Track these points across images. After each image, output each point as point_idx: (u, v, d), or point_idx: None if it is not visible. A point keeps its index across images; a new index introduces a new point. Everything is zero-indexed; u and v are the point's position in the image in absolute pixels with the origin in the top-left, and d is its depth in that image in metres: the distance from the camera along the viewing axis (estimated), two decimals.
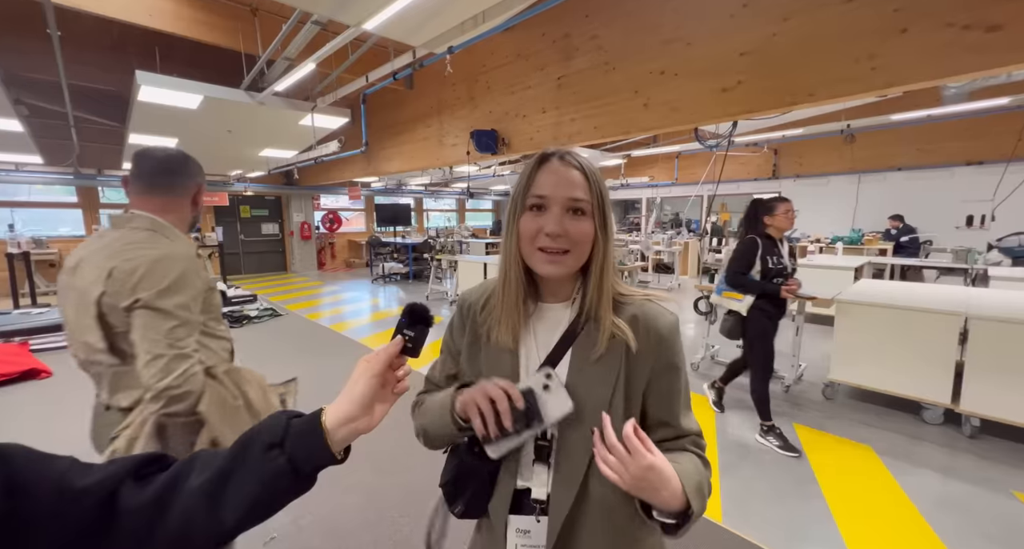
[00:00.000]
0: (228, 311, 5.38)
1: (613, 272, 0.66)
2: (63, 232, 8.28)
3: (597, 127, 3.76)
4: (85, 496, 0.43)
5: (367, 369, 0.53)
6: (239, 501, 0.46)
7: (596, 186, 0.63)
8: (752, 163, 9.21)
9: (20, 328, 4.23)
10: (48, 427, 2.81)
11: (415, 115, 5.82)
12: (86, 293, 0.96)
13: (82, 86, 5.45)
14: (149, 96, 4.16)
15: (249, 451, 0.48)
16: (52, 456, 0.45)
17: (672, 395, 0.66)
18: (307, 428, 0.50)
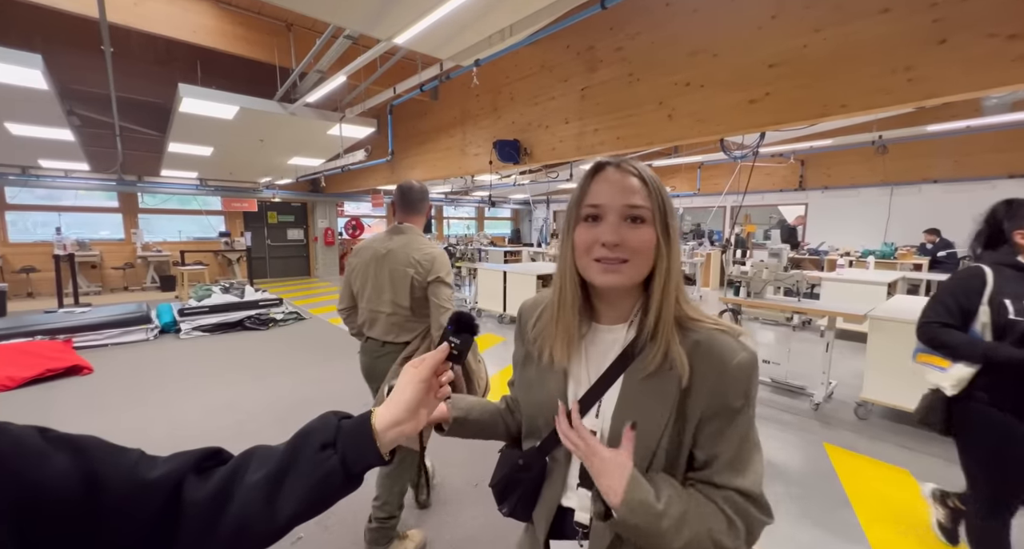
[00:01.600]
0: (256, 314, 5.54)
1: (679, 289, 0.60)
2: (103, 235, 8.72)
3: (620, 138, 3.77)
4: (155, 488, 0.45)
5: (414, 375, 0.55)
6: (293, 498, 0.47)
7: (656, 192, 0.59)
8: (778, 174, 9.03)
9: (64, 326, 4.45)
10: (90, 419, 2.95)
11: (439, 125, 5.94)
12: (402, 272, 1.63)
13: (128, 98, 5.77)
14: (190, 107, 4.38)
15: (303, 450, 0.50)
16: (123, 448, 0.47)
17: (720, 440, 0.57)
18: (358, 430, 0.51)
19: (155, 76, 5.66)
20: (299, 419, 2.07)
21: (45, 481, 0.40)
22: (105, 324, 4.68)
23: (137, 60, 5.46)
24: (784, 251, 3.46)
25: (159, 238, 9.26)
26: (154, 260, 8.73)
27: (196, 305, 5.30)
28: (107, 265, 8.48)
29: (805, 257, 7.89)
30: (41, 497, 0.39)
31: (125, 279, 8.70)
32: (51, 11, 3.37)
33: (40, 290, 7.70)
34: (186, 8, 3.97)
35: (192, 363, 4.21)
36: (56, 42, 4.77)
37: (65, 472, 0.41)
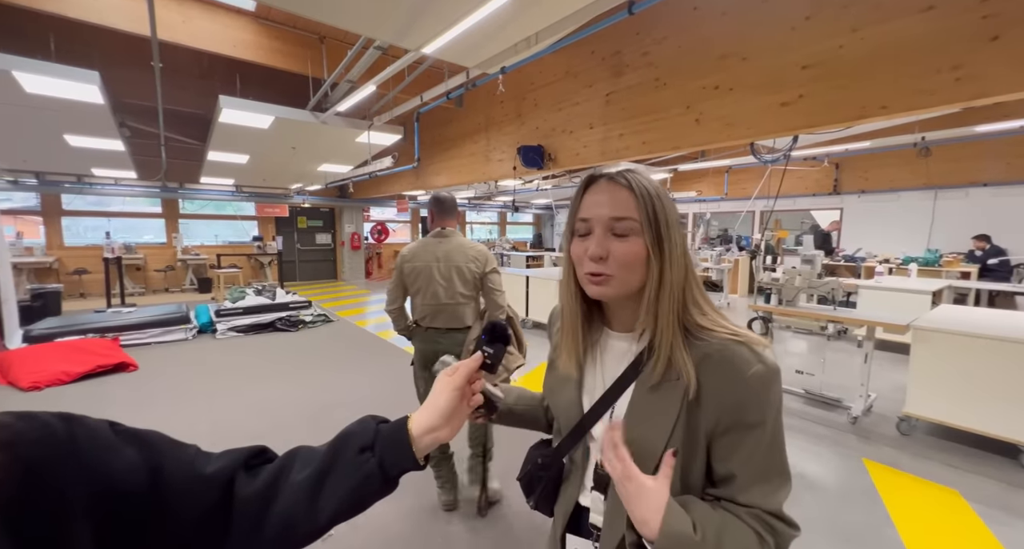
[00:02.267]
0: (286, 315, 5.73)
1: (682, 299, 0.59)
2: (147, 239, 9.22)
3: (646, 142, 3.74)
4: (211, 482, 0.48)
5: (449, 383, 0.57)
6: (334, 498, 0.49)
7: (647, 202, 0.57)
8: (810, 177, 8.73)
9: (112, 325, 4.73)
10: (137, 415, 3.11)
11: (463, 132, 6.03)
12: (464, 268, 1.97)
13: (173, 109, 6.12)
14: (229, 118, 4.60)
15: (344, 452, 0.52)
16: (182, 443, 0.50)
17: (737, 456, 0.56)
18: (395, 435, 0.53)
19: (198, 89, 5.98)
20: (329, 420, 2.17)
21: (117, 473, 0.42)
22: (149, 324, 4.95)
23: (182, 74, 5.79)
24: (818, 257, 3.34)
25: (197, 242, 9.72)
26: (192, 263, 9.16)
27: (231, 306, 5.53)
28: (150, 267, 8.96)
29: (840, 264, 7.58)
30: (114, 488, 0.41)
31: (166, 281, 9.16)
32: (108, 30, 3.62)
33: (90, 291, 8.19)
34: (227, 25, 4.19)
35: (228, 362, 4.39)
36: (110, 59, 5.11)
37: (134, 465, 0.44)
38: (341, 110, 4.80)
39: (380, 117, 5.37)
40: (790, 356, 4.55)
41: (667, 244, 0.57)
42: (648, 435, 0.58)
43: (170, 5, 3.80)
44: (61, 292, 6.28)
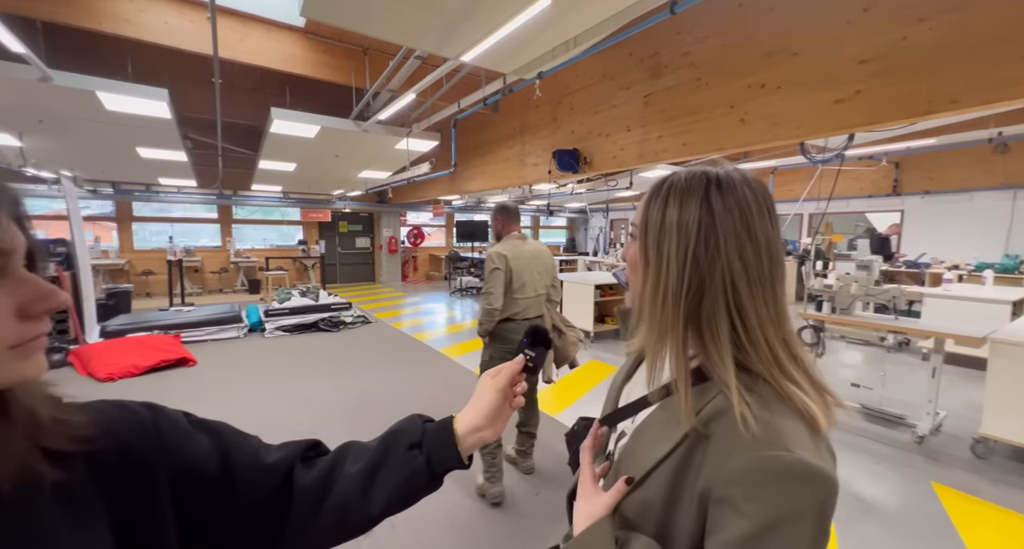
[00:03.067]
0: (328, 316, 5.98)
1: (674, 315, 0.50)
2: (203, 243, 9.90)
3: (686, 144, 3.64)
4: (273, 471, 0.51)
5: (492, 385, 0.57)
6: (385, 491, 0.51)
7: (650, 208, 0.54)
8: (866, 178, 8.18)
9: (174, 323, 5.12)
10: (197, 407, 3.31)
11: (498, 137, 6.09)
12: (550, 264, 2.36)
13: (229, 122, 6.56)
14: (279, 128, 4.88)
15: (393, 448, 0.53)
16: (246, 434, 0.53)
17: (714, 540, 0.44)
18: (441, 434, 0.54)
19: (251, 102, 6.38)
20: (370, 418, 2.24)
21: (194, 458, 0.46)
22: (205, 322, 5.30)
23: (237, 89, 6.20)
24: (875, 263, 3.12)
25: (248, 246, 10.33)
26: (244, 265, 9.75)
27: (278, 307, 5.83)
28: (206, 269, 9.61)
29: (901, 270, 7.04)
30: (192, 472, 0.45)
31: (220, 282, 9.79)
32: (176, 51, 3.94)
33: (155, 290, 8.89)
34: (279, 41, 4.45)
35: (276, 360, 4.63)
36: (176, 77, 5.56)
37: (207, 451, 0.47)
38: (382, 118, 4.97)
39: (419, 124, 5.52)
40: (844, 368, 4.27)
41: (650, 252, 0.53)
42: (640, 458, 0.53)
43: (229, 24, 4.08)
44: (131, 292, 6.85)
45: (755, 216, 0.50)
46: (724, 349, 0.48)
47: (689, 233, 0.50)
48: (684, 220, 0.50)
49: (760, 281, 0.49)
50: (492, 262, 2.20)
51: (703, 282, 0.49)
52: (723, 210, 0.50)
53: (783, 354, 0.49)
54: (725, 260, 0.48)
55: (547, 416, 3.10)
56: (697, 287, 0.50)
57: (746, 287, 0.48)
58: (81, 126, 4.43)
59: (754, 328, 0.48)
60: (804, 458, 0.42)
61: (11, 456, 0.33)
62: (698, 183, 0.51)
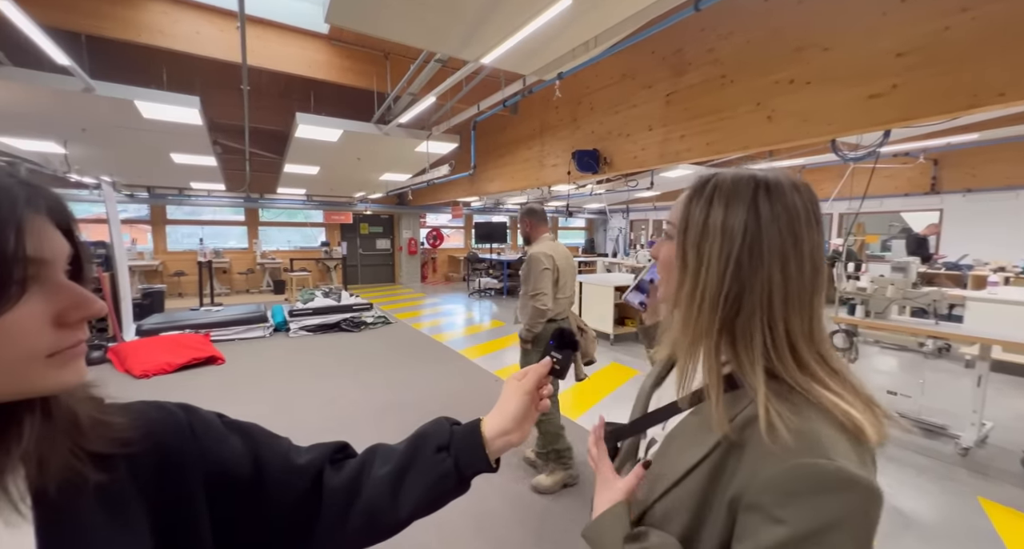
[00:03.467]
0: (350, 317, 6.09)
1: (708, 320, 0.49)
2: (231, 245, 10.23)
3: (710, 143, 3.56)
4: (303, 472, 0.52)
5: (519, 388, 0.57)
6: (413, 495, 0.51)
7: (691, 208, 0.53)
8: (901, 175, 7.83)
9: (204, 322, 5.32)
10: (226, 405, 3.43)
11: (517, 138, 6.09)
12: (574, 265, 2.42)
13: (255, 127, 6.77)
14: (304, 133, 5.01)
15: (421, 450, 0.53)
16: (277, 435, 0.54)
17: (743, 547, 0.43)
18: (469, 437, 0.54)
19: (277, 107, 6.58)
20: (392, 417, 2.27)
21: (228, 460, 0.47)
22: (233, 322, 5.48)
23: (264, 95, 6.40)
24: (912, 264, 2.98)
25: (273, 247, 10.63)
26: (269, 266, 10.04)
27: (302, 307, 5.98)
28: (234, 270, 9.93)
29: (940, 272, 6.71)
30: (226, 472, 0.46)
31: (247, 282, 10.10)
32: (207, 60, 4.10)
33: (186, 291, 9.24)
34: (305, 47, 4.57)
35: (300, 359, 4.74)
36: (207, 84, 5.77)
37: (240, 453, 0.48)
38: (403, 122, 5.04)
39: (438, 127, 5.57)
40: (879, 374, 4.10)
41: (690, 254, 0.51)
42: (672, 463, 0.53)
43: (257, 33, 4.22)
44: (164, 292, 7.14)
45: (803, 225, 0.48)
46: (756, 358, 0.48)
47: (733, 238, 0.48)
48: (729, 224, 0.49)
49: (799, 296, 0.48)
50: (540, 263, 2.23)
51: (742, 290, 0.48)
52: (770, 216, 0.48)
53: (818, 367, 0.48)
54: (767, 270, 0.47)
55: (568, 419, 3.08)
56: (736, 294, 0.48)
57: (782, 302, 0.47)
58: (120, 134, 4.64)
59: (785, 337, 0.48)
60: (846, 467, 0.40)
61: (56, 458, 0.34)
62: (746, 185, 0.50)
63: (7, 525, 0.31)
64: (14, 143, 4.76)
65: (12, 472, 0.32)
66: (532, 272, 2.25)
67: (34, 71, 3.30)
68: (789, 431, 0.43)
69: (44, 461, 0.33)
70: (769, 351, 0.48)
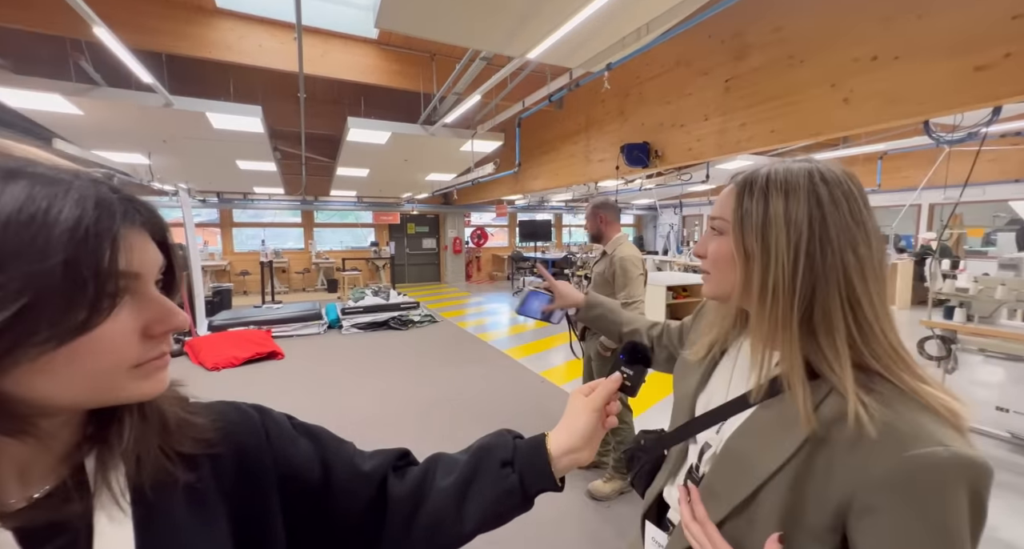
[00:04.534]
0: (398, 315, 6.33)
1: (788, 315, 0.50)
2: (289, 245, 10.95)
3: (775, 131, 3.31)
4: (369, 478, 0.52)
5: (587, 404, 0.55)
6: (478, 509, 0.50)
7: (745, 202, 0.54)
8: (1010, 159, 6.90)
9: (266, 319, 5.73)
10: (285, 398, 3.70)
11: (562, 133, 6.02)
12: None
13: (311, 133, 7.20)
14: (355, 136, 5.24)
15: (486, 463, 0.52)
16: (342, 439, 0.55)
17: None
18: (534, 453, 0.53)
19: (330, 113, 6.94)
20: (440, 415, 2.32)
21: (297, 463, 0.48)
22: (292, 319, 5.86)
23: (319, 101, 6.78)
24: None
25: (326, 247, 11.25)
26: (323, 266, 10.64)
27: (354, 305, 6.28)
28: (291, 270, 10.63)
29: None
30: (297, 475, 0.47)
31: (303, 281, 10.77)
32: (267, 71, 4.40)
33: (250, 289, 10.00)
34: (356, 53, 4.78)
35: (352, 356, 4.97)
36: (267, 94, 6.20)
37: (309, 455, 0.49)
38: (448, 122, 5.13)
39: (483, 125, 5.62)
40: (985, 388, 3.63)
41: (753, 246, 0.52)
42: (751, 463, 0.52)
43: (312, 42, 4.46)
44: (232, 290, 7.77)
45: (862, 208, 0.51)
46: (840, 346, 0.48)
47: (799, 227, 0.49)
48: (792, 214, 0.50)
49: (874, 274, 0.49)
50: (635, 267, 2.19)
51: (816, 278, 0.49)
52: (831, 203, 0.50)
53: (903, 350, 0.49)
54: (839, 254, 0.49)
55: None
56: (810, 282, 0.49)
57: (861, 281, 0.48)
58: (194, 144, 5.10)
59: (871, 323, 0.48)
60: (961, 450, 0.41)
61: (150, 456, 0.36)
62: (802, 176, 0.52)
63: (111, 520, 0.33)
64: (108, 155, 5.37)
65: (115, 469, 0.34)
66: (628, 277, 2.17)
67: (124, 90, 3.69)
68: (887, 423, 0.43)
69: (141, 459, 0.35)
70: (855, 337, 0.48)
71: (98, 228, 0.30)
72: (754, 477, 0.50)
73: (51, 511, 0.32)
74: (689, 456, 0.65)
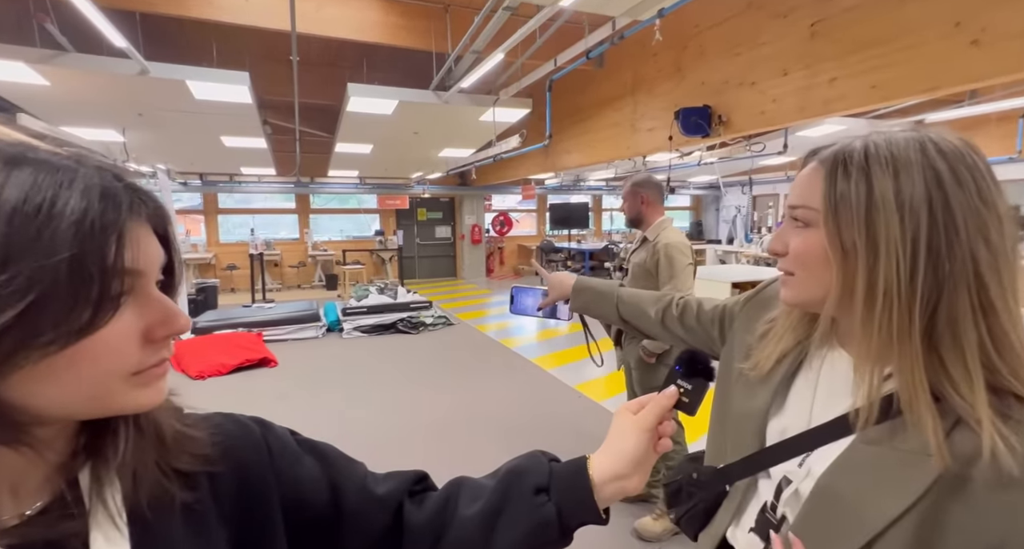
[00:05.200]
0: (407, 316, 6.41)
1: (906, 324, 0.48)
2: (282, 235, 11.26)
3: (876, 86, 3.15)
4: (383, 504, 0.54)
5: (636, 424, 0.55)
6: (507, 543, 0.50)
7: (840, 183, 0.52)
8: None
9: (257, 320, 5.92)
10: (279, 410, 3.79)
11: (602, 98, 5.91)
12: None
13: (305, 102, 7.32)
14: (356, 106, 5.29)
15: (517, 489, 0.52)
16: (353, 459, 0.57)
17: None
18: (574, 479, 0.53)
19: (327, 78, 7.03)
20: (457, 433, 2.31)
21: (302, 483, 0.50)
22: (285, 321, 6.03)
23: (314, 65, 6.88)
24: None
25: (325, 237, 11.51)
26: (321, 259, 10.90)
27: (356, 305, 6.41)
28: (285, 263, 10.93)
29: None
30: (300, 498, 0.49)
31: (298, 277, 11.06)
32: (254, 30, 4.48)
33: (239, 286, 10.35)
34: (356, 7, 4.81)
35: (355, 363, 5.07)
36: (255, 57, 6.33)
37: (316, 475, 0.51)
38: (465, 87, 5.10)
39: (507, 90, 5.57)
40: None
41: (859, 237, 0.50)
42: (862, 508, 0.50)
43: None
44: (218, 287, 8.05)
45: (991, 185, 0.49)
46: (972, 362, 0.46)
47: (916, 212, 0.48)
48: (905, 196, 0.48)
49: (1009, 269, 0.48)
50: (683, 255, 2.19)
51: (942, 275, 0.47)
52: (954, 181, 0.48)
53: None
54: (967, 245, 0.47)
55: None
56: (934, 282, 0.47)
57: (995, 279, 0.47)
58: (173, 117, 5.28)
59: (1007, 332, 0.47)
60: None
61: (147, 472, 0.38)
62: (912, 148, 0.50)
63: (107, 541, 0.35)
64: (78, 132, 5.62)
65: (110, 485, 0.37)
66: (674, 267, 2.16)
67: (94, 56, 3.83)
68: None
69: (138, 475, 0.37)
70: (989, 352, 0.46)
71: (104, 221, 0.31)
72: (866, 526, 0.49)
73: (46, 529, 0.34)
74: (760, 492, 0.64)
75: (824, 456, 0.56)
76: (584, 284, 1.09)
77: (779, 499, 0.60)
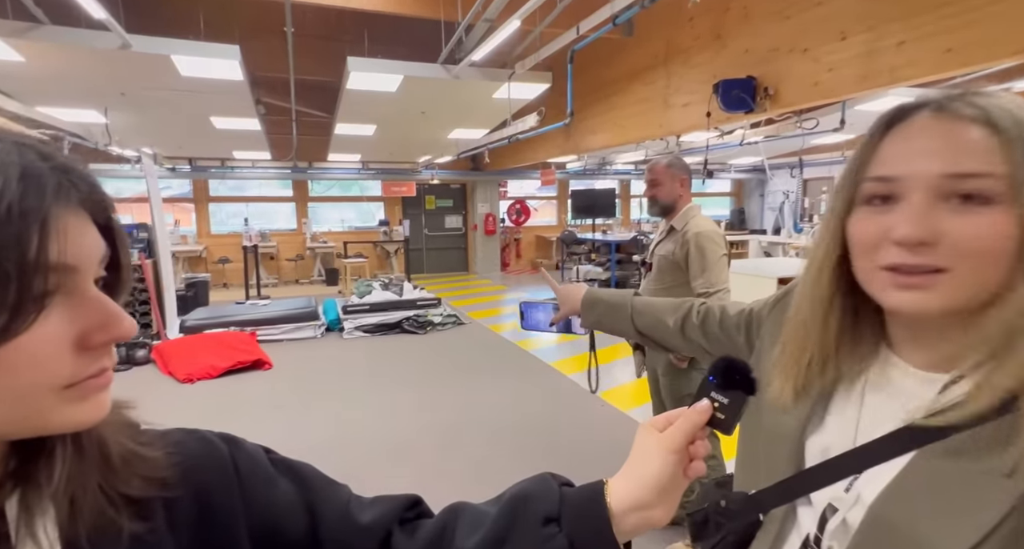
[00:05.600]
0: (414, 315, 6.47)
1: None
2: (279, 225, 11.43)
3: (952, 50, 3.05)
4: (368, 533, 0.53)
5: (662, 443, 0.52)
6: None
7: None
8: None
9: (250, 319, 6.02)
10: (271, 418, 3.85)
11: (631, 70, 5.84)
12: None
13: (302, 79, 7.38)
14: (357, 82, 5.31)
15: (523, 519, 0.51)
16: (335, 482, 0.57)
17: None
18: (588, 506, 0.51)
19: (326, 53, 7.08)
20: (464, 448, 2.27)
21: (275, 508, 0.49)
22: (281, 319, 6.13)
23: (310, 38, 6.93)
24: None
25: (324, 228, 11.66)
26: (320, 252, 11.05)
27: (358, 302, 6.48)
28: (281, 256, 11.10)
29: None
30: (273, 526, 0.49)
31: (296, 271, 11.24)
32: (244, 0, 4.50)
33: (231, 281, 10.56)
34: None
35: (356, 367, 5.13)
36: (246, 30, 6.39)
37: (291, 500, 0.51)
38: (476, 60, 5.07)
39: (523, 63, 5.53)
40: None
41: None
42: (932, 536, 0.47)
43: None
44: (209, 282, 8.21)
45: None
46: None
47: None
48: None
49: None
50: (717, 245, 2.20)
51: None
52: None
53: None
54: None
55: None
56: None
57: None
58: (158, 96, 5.37)
59: None
60: None
61: (88, 499, 0.36)
62: None
63: None
64: (57, 113, 5.75)
65: (42, 515, 0.35)
66: (707, 259, 2.15)
67: (72, 28, 3.90)
68: None
69: (76, 502, 0.36)
70: None
71: (23, 207, 0.29)
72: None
73: None
74: (801, 522, 0.63)
75: (875, 479, 0.54)
76: (594, 297, 1.09)
77: (823, 531, 0.58)
